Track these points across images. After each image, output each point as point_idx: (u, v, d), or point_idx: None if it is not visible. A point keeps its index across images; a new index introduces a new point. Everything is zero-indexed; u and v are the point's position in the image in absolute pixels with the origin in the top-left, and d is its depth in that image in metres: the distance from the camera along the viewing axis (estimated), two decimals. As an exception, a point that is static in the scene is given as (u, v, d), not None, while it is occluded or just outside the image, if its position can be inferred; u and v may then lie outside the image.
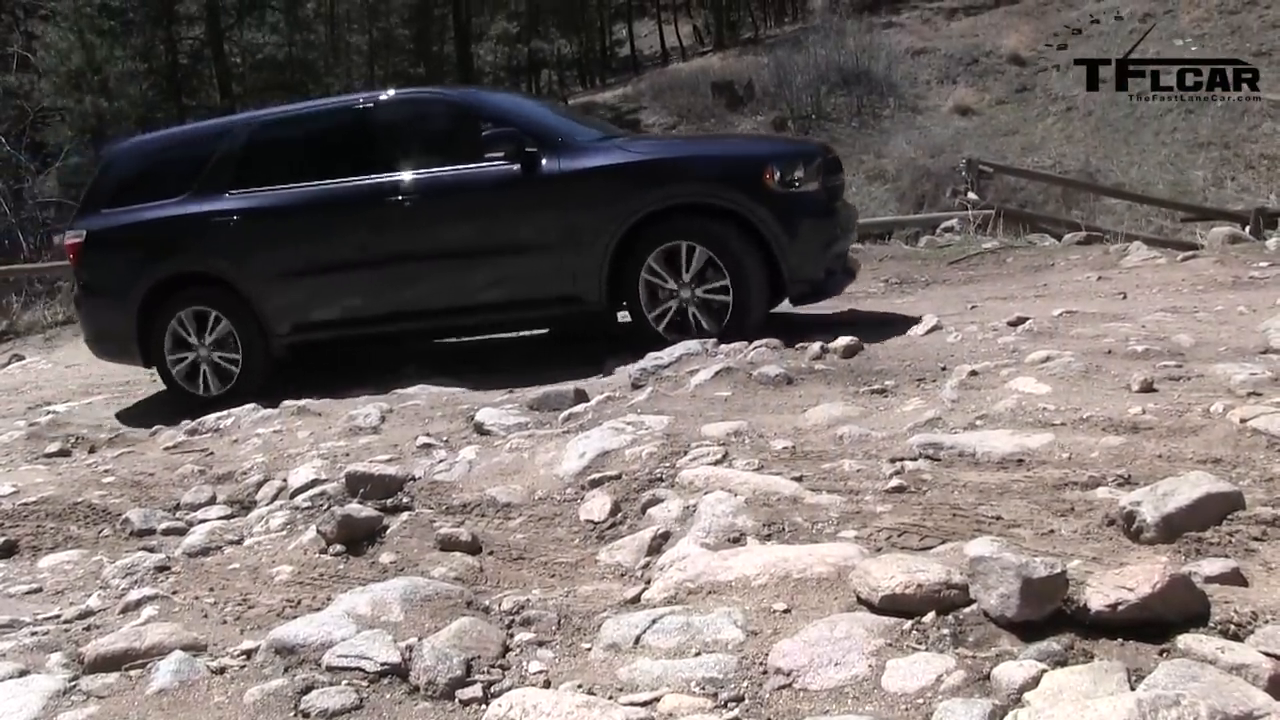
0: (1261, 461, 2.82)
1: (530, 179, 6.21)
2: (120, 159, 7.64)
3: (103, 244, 7.18)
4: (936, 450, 3.21)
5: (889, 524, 2.65)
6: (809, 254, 5.97)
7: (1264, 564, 2.23)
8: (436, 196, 6.46)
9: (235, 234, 6.76)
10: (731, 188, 5.96)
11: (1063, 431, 3.26)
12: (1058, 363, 4.09)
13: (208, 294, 6.90)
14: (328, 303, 6.78)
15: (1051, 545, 2.42)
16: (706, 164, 6.41)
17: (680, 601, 2.41)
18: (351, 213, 6.59)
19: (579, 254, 6.16)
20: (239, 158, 6.94)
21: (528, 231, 6.31)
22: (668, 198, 6.02)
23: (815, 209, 6.09)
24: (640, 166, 6.27)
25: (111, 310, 7.13)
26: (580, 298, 6.24)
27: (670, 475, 3.30)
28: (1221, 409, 3.28)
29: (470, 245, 6.41)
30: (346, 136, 6.79)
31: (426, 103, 7.20)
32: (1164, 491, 2.46)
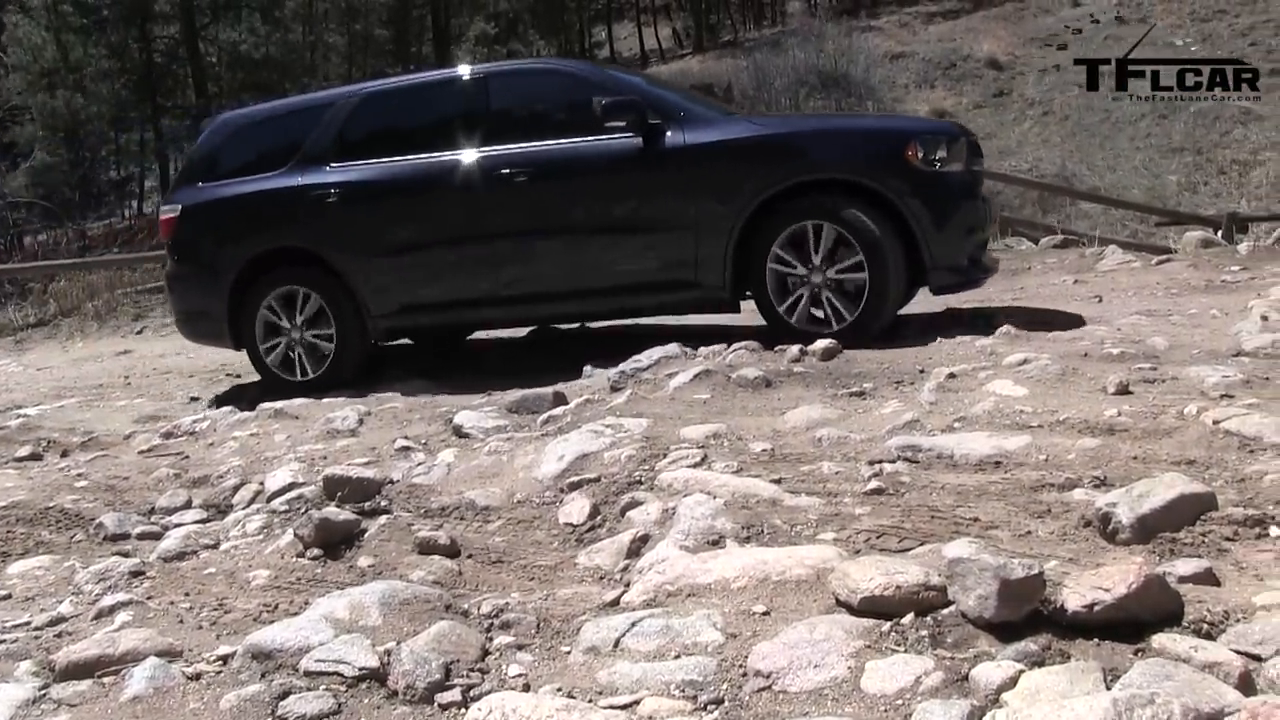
0: (1233, 462, 2.86)
1: (652, 153, 5.88)
2: (219, 132, 7.35)
3: (197, 219, 6.97)
4: (915, 452, 3.23)
5: (868, 526, 2.66)
6: (953, 238, 5.62)
7: (1235, 564, 2.25)
8: (551, 171, 6.15)
9: (335, 208, 6.52)
10: (872, 164, 5.61)
11: (1040, 433, 3.29)
12: (1035, 365, 4.12)
13: (304, 273, 6.66)
14: (430, 283, 6.47)
15: (1029, 546, 2.44)
16: (845, 139, 6.02)
17: (660, 604, 2.40)
18: (459, 188, 6.32)
19: (703, 235, 5.82)
20: (342, 130, 6.70)
21: (648, 210, 5.98)
22: (801, 174, 5.66)
23: (959, 191, 5.74)
24: (772, 140, 5.90)
25: (203, 289, 6.91)
26: (701, 283, 5.90)
27: (649, 478, 3.30)
28: (1195, 411, 3.31)
29: (585, 224, 6.11)
30: (456, 108, 6.51)
31: (540, 74, 6.95)
32: (1139, 493, 2.48)
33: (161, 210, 7.53)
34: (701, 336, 5.69)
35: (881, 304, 5.48)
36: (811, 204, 5.58)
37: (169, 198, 7.46)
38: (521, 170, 6.11)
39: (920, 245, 5.49)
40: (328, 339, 6.62)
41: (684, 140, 5.83)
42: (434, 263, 6.39)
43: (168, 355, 10.23)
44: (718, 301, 5.94)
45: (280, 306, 6.68)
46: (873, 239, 5.44)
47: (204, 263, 6.96)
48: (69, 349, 12.07)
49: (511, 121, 6.44)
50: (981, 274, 5.94)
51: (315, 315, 6.63)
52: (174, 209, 7.10)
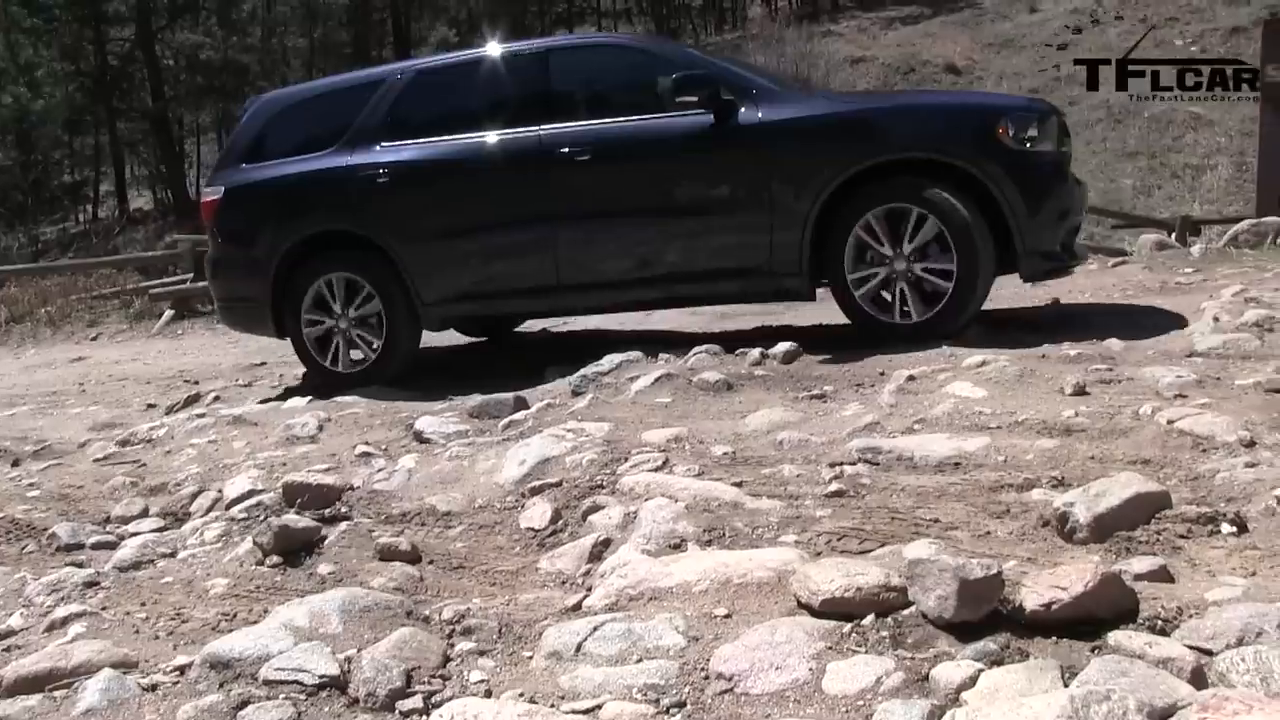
0: (1187, 461, 2.90)
1: (725, 130, 5.53)
2: (263, 111, 6.99)
3: (241, 201, 6.66)
4: (875, 454, 3.25)
5: (829, 528, 2.67)
6: (1046, 223, 5.22)
7: (1189, 561, 2.29)
8: (615, 150, 5.80)
9: (386, 189, 6.18)
10: (961, 143, 5.22)
11: (998, 434, 3.32)
12: (993, 367, 4.16)
13: (353, 257, 6.33)
14: (485, 270, 6.14)
15: (988, 547, 2.46)
16: (931, 116, 5.67)
17: (621, 608, 2.40)
18: (517, 168, 5.96)
19: (778, 218, 5.44)
20: (394, 108, 6.36)
21: (719, 191, 5.62)
22: (885, 153, 5.30)
23: (1053, 172, 5.34)
24: (853, 118, 5.64)
25: (247, 274, 6.57)
26: (775, 269, 5.53)
27: (611, 482, 3.30)
28: (1150, 411, 3.36)
29: (650, 206, 5.76)
30: (515, 85, 6.18)
31: (604, 48, 6.72)
32: (1096, 492, 2.52)
33: (203, 193, 7.16)
34: (665, 343, 5.70)
35: (970, 294, 5.12)
36: (895, 186, 5.23)
37: (211, 179, 7.08)
38: (584, 149, 5.79)
39: (1012, 231, 5.12)
40: (376, 329, 6.30)
41: (759, 117, 5.50)
42: (489, 247, 6.09)
43: (123, 362, 10.09)
44: (792, 289, 5.62)
45: (327, 293, 6.35)
46: (963, 224, 5.06)
47: (247, 247, 6.62)
48: (21, 356, 11.87)
49: (574, 99, 6.12)
50: (1074, 261, 5.63)
51: (364, 303, 6.30)
52: (216, 191, 6.78)
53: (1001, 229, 5.13)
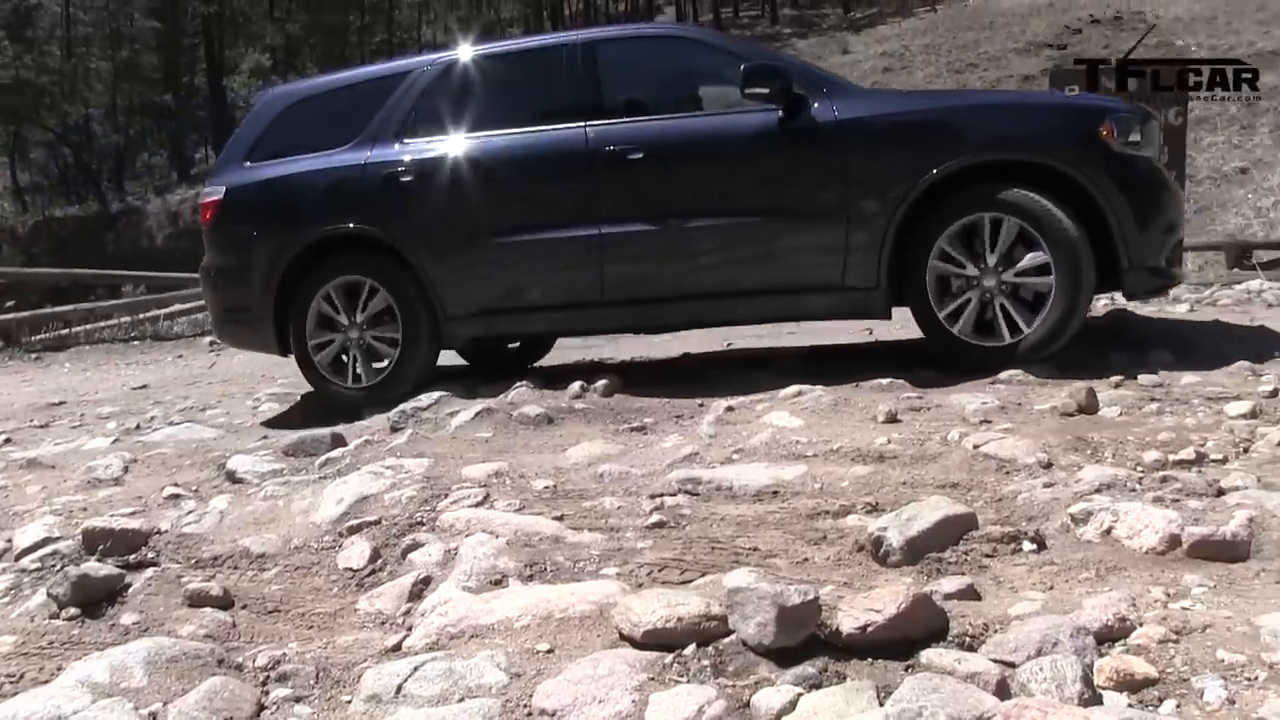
0: (992, 484, 3.04)
1: (797, 128, 5.00)
2: (272, 105, 6.37)
3: (244, 202, 6.02)
4: (695, 485, 3.28)
5: (650, 559, 2.67)
6: (1153, 236, 4.75)
7: (994, 579, 2.38)
8: (671, 149, 5.26)
9: (410, 190, 5.59)
10: (1063, 145, 4.76)
11: (815, 463, 3.40)
12: (809, 397, 4.27)
13: (369, 263, 5.70)
14: (520, 281, 5.52)
15: (806, 573, 2.50)
16: (1028, 115, 5.16)
17: (442, 647, 2.34)
18: (559, 168, 5.42)
19: (854, 227, 4.93)
20: (420, 102, 5.78)
21: (788, 196, 5.08)
22: (977, 154, 4.81)
23: (1159, 180, 4.88)
24: (942, 115, 5.15)
25: (248, 281, 5.92)
26: (849, 284, 5.00)
27: (431, 519, 3.22)
28: (957, 436, 3.52)
29: (709, 212, 5.18)
30: (557, 78, 5.59)
31: (655, 40, 6.10)
32: (908, 517, 2.60)
33: (202, 194, 6.46)
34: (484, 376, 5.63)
35: (1071, 315, 4.66)
36: (986, 192, 4.75)
37: (211, 179, 6.39)
38: (636, 147, 5.22)
39: (1116, 243, 4.66)
40: (390, 342, 5.68)
41: (834, 115, 4.98)
42: (524, 256, 5.46)
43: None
44: (867, 306, 5.06)
45: (338, 300, 5.73)
46: (1065, 236, 4.61)
47: (250, 252, 5.96)
48: None
49: (623, 93, 5.57)
50: (1178, 278, 5.23)
51: (378, 314, 5.71)
52: (217, 191, 6.14)
53: (1103, 241, 4.69)
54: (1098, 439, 3.42)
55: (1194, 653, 1.86)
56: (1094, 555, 2.45)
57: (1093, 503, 2.67)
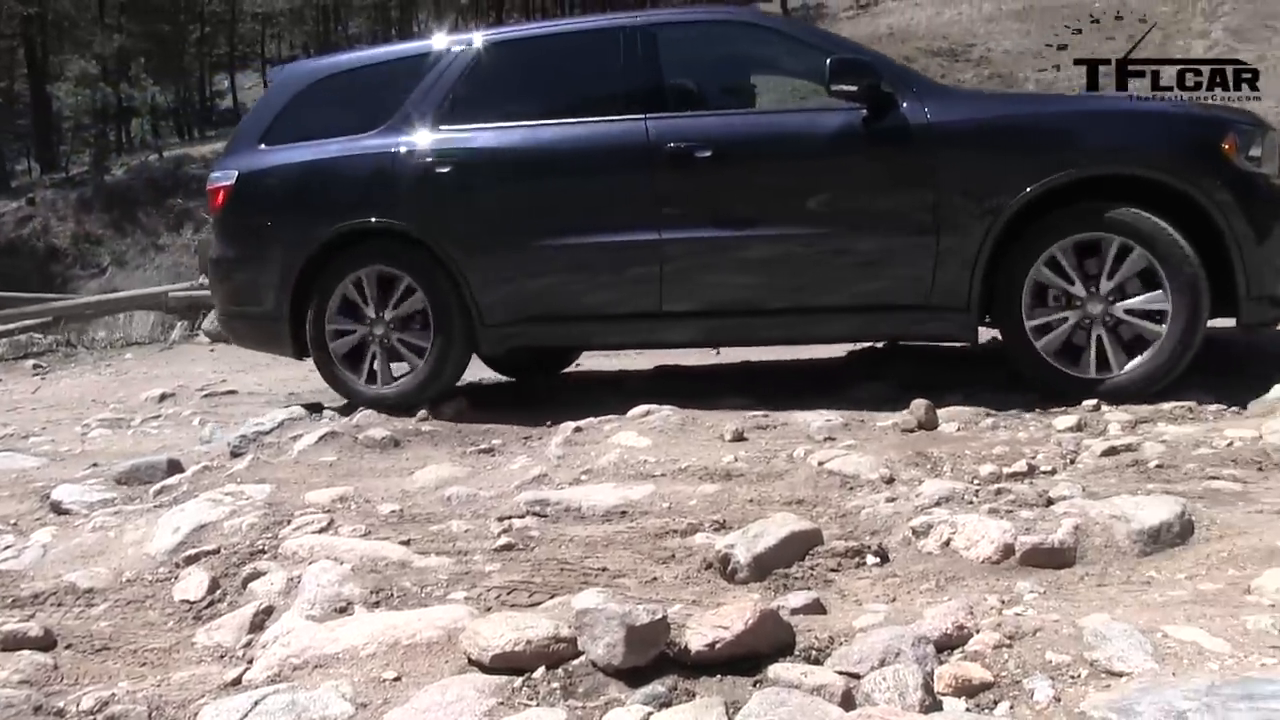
0: (836, 499, 3.10)
1: (884, 130, 4.55)
2: (289, 84, 5.78)
3: (259, 189, 5.47)
4: (544, 507, 3.25)
5: (498, 583, 2.62)
6: (1274, 262, 4.27)
7: (839, 592, 2.43)
8: (748, 147, 4.78)
9: (448, 182, 5.05)
10: (1182, 159, 4.29)
11: (663, 482, 3.42)
12: (657, 416, 4.29)
13: (400, 257, 5.14)
14: (569, 288, 5.00)
15: (655, 592, 2.49)
16: (1143, 124, 4.55)
17: (285, 679, 2.24)
18: (617, 164, 4.91)
19: (945, 241, 4.46)
20: (458, 85, 5.23)
21: (871, 205, 4.64)
22: (1086, 166, 4.34)
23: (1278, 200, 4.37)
24: (1048, 122, 4.64)
25: (262, 275, 5.38)
26: (935, 303, 4.53)
27: (273, 546, 3.10)
28: (803, 454, 3.59)
29: (788, 219, 4.69)
30: (613, 66, 5.06)
31: (724, 26, 5.36)
32: (755, 533, 2.62)
33: (211, 179, 5.79)
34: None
35: (1186, 348, 4.20)
36: (1088, 211, 4.33)
37: (221, 163, 5.78)
38: (704, 145, 4.72)
39: (1236, 269, 4.19)
40: (418, 347, 5.13)
41: (927, 116, 4.52)
42: (575, 261, 4.95)
43: None
44: (953, 330, 4.64)
45: (368, 290, 5.17)
46: (1185, 262, 4.16)
47: (265, 243, 5.42)
48: None
49: (688, 85, 5.11)
50: None
51: (407, 314, 5.17)
52: (228, 176, 5.55)
53: (1218, 265, 4.23)
54: (937, 454, 3.54)
55: (1025, 655, 1.93)
56: (934, 566, 2.52)
57: (932, 516, 2.74)
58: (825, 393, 4.64)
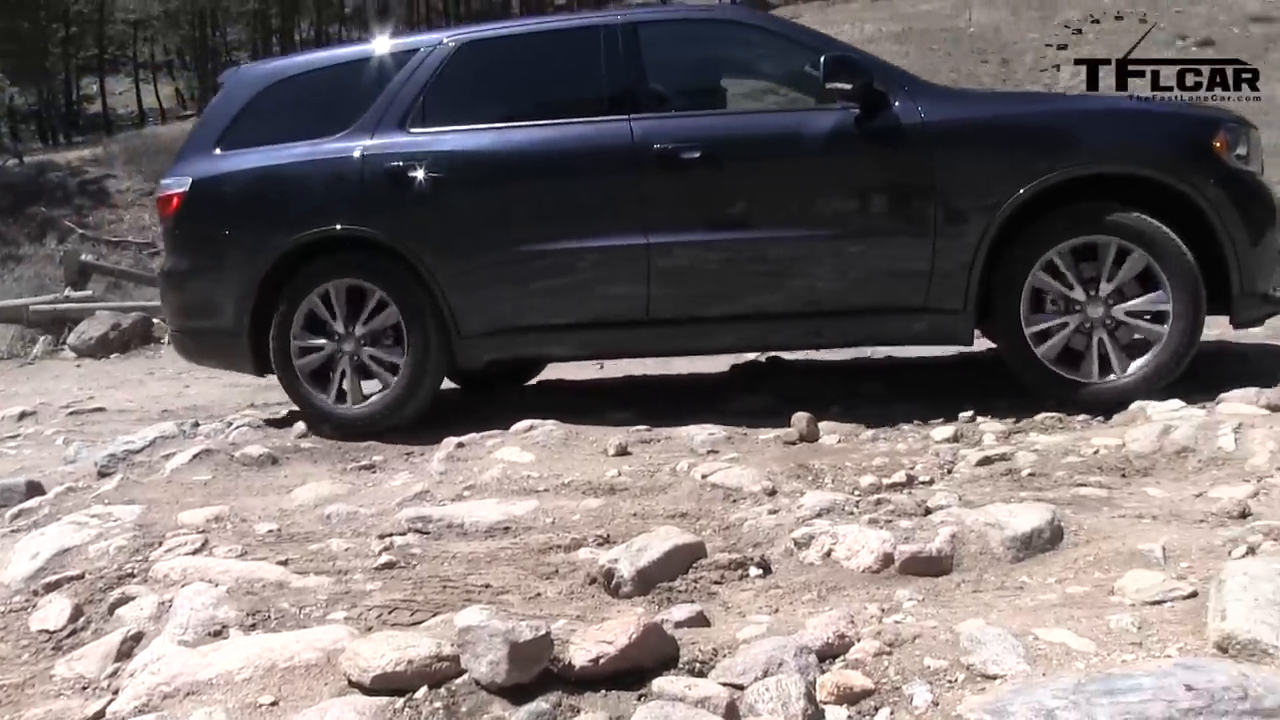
0: (720, 512, 3.13)
1: (876, 130, 4.49)
2: (245, 86, 5.44)
3: (215, 196, 5.16)
4: (426, 523, 3.21)
5: (379, 602, 2.57)
6: (1265, 259, 4.36)
7: (723, 604, 2.45)
8: (737, 148, 4.67)
9: (418, 187, 4.81)
10: (1176, 158, 4.35)
11: (546, 497, 3.41)
12: (541, 431, 4.27)
13: (368, 268, 4.88)
14: (552, 296, 4.78)
15: (538, 608, 2.48)
16: (1138, 122, 4.65)
17: (154, 709, 2.16)
18: (602, 165, 4.74)
19: (942, 242, 4.43)
20: (431, 86, 4.99)
21: (871, 205, 4.60)
22: (1083, 165, 4.36)
23: (1268, 199, 4.44)
24: (1043, 121, 4.63)
25: (219, 289, 5.07)
26: (933, 306, 4.49)
27: (143, 570, 2.98)
28: (686, 467, 3.61)
29: (781, 222, 4.59)
30: (594, 64, 4.86)
31: (707, 25, 5.29)
32: (638, 547, 2.63)
33: (162, 186, 5.45)
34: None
35: (1189, 347, 4.26)
36: (1085, 212, 4.36)
37: (173, 169, 5.42)
38: (691, 146, 4.59)
39: (1230, 267, 4.28)
40: (390, 363, 4.87)
41: (921, 116, 4.47)
42: (558, 267, 4.77)
43: None
44: (950, 331, 4.59)
45: (335, 305, 4.90)
46: (1184, 262, 4.22)
47: (221, 253, 5.12)
48: None
49: (671, 84, 5.00)
50: None
51: (378, 328, 4.90)
52: (180, 184, 5.23)
53: (1210, 264, 4.30)
54: (818, 466, 3.60)
55: (905, 662, 1.97)
56: (816, 577, 2.56)
57: (814, 527, 2.79)
58: (708, 407, 4.67)
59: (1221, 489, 2.97)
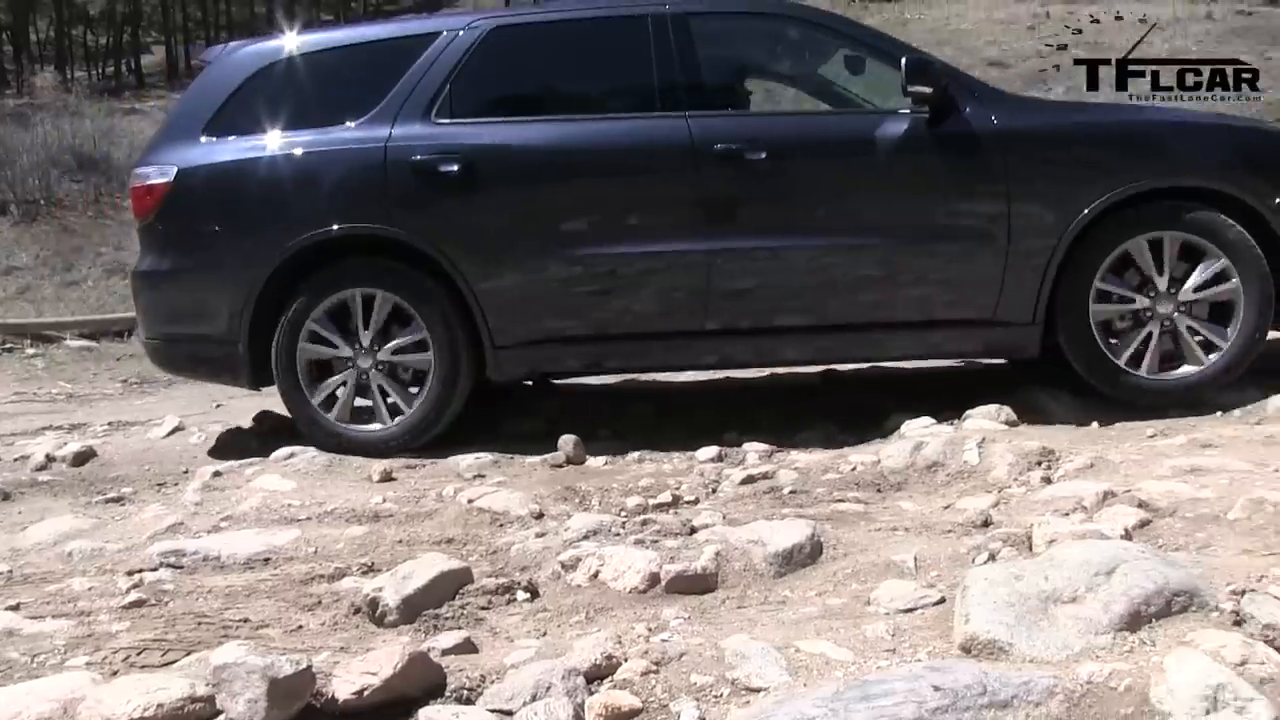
0: (486, 537, 3.13)
1: (948, 136, 4.37)
2: (240, 66, 4.80)
3: (205, 188, 4.62)
4: (179, 557, 3.05)
5: (126, 643, 2.42)
6: None
7: (490, 630, 2.44)
8: (807, 150, 4.49)
9: (451, 183, 4.41)
10: (1252, 174, 4.33)
11: (309, 526, 3.31)
12: (302, 458, 4.16)
13: (386, 274, 4.45)
14: (598, 303, 4.46)
15: (300, 641, 2.40)
16: (1212, 137, 4.67)
17: None
18: (657, 164, 4.47)
19: (1015, 253, 4.31)
20: (461, 72, 4.56)
21: (943, 214, 4.42)
22: (1158, 178, 4.30)
23: None
24: (1120, 131, 4.56)
25: (210, 294, 4.55)
26: (1003, 319, 4.38)
27: None
28: (452, 492, 3.60)
29: (850, 229, 4.43)
30: (642, 56, 4.54)
31: (763, 18, 4.91)
32: (404, 575, 2.59)
33: (136, 176, 4.78)
34: None
35: (1256, 345, 4.30)
36: (1172, 209, 4.30)
37: (151, 157, 4.79)
38: (757, 147, 4.38)
39: None
40: (416, 376, 4.50)
41: (993, 123, 4.37)
42: (608, 274, 4.47)
43: None
44: (1021, 342, 4.47)
45: (352, 313, 4.48)
46: (1259, 265, 4.24)
47: (215, 254, 4.59)
48: None
49: (728, 81, 4.82)
50: None
51: (397, 340, 4.49)
52: (163, 174, 4.62)
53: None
54: (585, 488, 3.65)
55: (672, 680, 2.01)
56: (584, 599, 2.59)
57: (581, 549, 2.82)
58: (475, 431, 4.65)
59: (967, 500, 3.20)
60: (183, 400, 6.23)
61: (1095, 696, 1.74)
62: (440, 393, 4.45)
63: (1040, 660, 1.90)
